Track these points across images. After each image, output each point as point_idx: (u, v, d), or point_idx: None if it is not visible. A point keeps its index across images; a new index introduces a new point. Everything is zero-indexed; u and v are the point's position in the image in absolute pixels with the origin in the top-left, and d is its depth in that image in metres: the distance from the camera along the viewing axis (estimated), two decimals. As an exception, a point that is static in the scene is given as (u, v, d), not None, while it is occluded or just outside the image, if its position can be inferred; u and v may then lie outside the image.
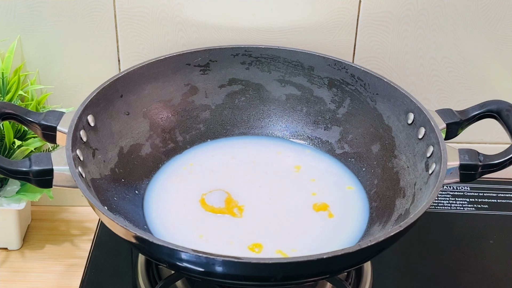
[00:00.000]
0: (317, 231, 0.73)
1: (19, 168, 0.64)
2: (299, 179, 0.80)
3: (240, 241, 0.71)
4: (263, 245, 0.70)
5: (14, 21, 0.83)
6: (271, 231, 0.72)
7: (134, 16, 0.84)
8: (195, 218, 0.74)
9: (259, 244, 0.70)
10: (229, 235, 0.71)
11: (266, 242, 0.71)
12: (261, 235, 0.72)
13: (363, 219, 0.75)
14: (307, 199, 0.77)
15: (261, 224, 0.73)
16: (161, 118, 0.82)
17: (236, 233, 0.72)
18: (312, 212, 0.75)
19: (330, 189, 0.78)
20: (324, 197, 0.77)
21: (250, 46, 0.84)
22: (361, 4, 0.84)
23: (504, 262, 0.83)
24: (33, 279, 0.83)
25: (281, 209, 0.75)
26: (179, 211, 0.75)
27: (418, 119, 0.74)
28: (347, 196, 0.78)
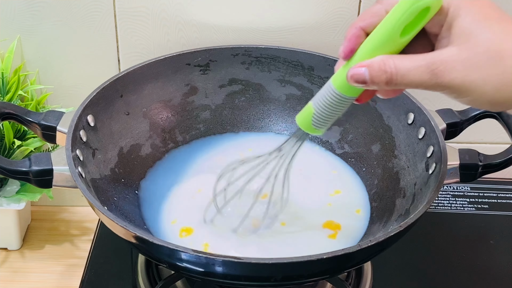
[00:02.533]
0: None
1: (19, 168, 0.64)
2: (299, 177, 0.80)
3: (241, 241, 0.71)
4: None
5: (14, 21, 0.83)
6: (274, 231, 0.72)
7: (134, 16, 0.84)
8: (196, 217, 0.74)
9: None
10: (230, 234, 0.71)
11: (269, 242, 0.70)
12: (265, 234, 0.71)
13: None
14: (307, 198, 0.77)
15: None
16: (161, 118, 0.82)
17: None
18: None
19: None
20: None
21: (250, 46, 0.84)
22: (361, 4, 0.84)
23: (504, 262, 0.83)
24: (33, 279, 0.83)
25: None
26: (179, 211, 0.75)
27: (418, 119, 0.74)
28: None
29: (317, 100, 0.58)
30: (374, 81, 0.50)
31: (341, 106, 0.57)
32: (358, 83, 0.51)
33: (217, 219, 0.72)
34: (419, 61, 0.48)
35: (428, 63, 0.48)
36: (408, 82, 0.49)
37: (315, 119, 0.59)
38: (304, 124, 0.60)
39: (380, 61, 0.49)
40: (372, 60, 0.50)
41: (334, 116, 0.58)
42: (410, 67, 0.48)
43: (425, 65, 0.48)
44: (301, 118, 0.60)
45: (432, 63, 0.48)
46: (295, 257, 0.56)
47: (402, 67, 0.48)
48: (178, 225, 0.72)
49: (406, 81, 0.49)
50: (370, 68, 0.50)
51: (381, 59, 0.50)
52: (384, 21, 0.51)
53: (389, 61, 0.49)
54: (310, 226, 0.73)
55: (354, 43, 0.52)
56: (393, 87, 0.50)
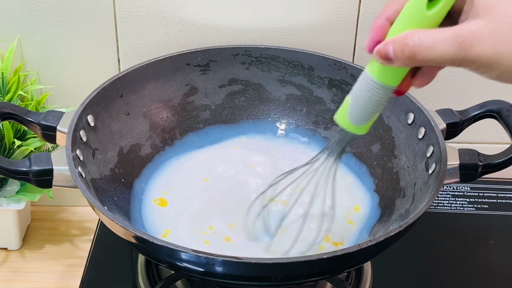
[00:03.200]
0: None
1: (19, 168, 0.64)
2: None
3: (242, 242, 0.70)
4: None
5: (14, 21, 0.83)
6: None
7: (134, 16, 0.84)
8: (196, 217, 0.74)
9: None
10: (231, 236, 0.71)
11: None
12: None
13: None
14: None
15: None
16: (161, 118, 0.82)
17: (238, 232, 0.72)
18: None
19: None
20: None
21: (250, 46, 0.84)
22: (361, 4, 0.84)
23: (504, 262, 0.83)
24: (33, 279, 0.83)
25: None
26: (179, 210, 0.75)
27: (418, 119, 0.74)
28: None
29: (354, 90, 0.55)
30: (398, 56, 0.48)
31: (377, 95, 0.54)
32: (384, 59, 0.50)
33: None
34: (445, 33, 0.47)
35: (455, 35, 0.46)
36: (434, 57, 0.47)
37: (351, 112, 0.56)
38: (342, 120, 0.57)
39: (403, 35, 0.48)
40: (398, 35, 0.49)
41: (371, 108, 0.55)
42: (436, 39, 0.47)
43: (452, 37, 0.46)
44: (340, 113, 0.57)
45: (459, 35, 0.46)
46: (295, 257, 0.56)
47: (426, 40, 0.47)
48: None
49: (432, 55, 0.47)
50: (394, 43, 0.49)
51: (405, 33, 0.48)
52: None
53: (412, 35, 0.48)
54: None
55: (379, 34, 0.51)
56: (418, 62, 0.48)
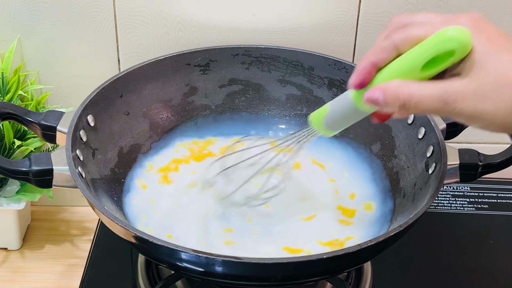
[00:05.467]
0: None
1: (19, 168, 0.64)
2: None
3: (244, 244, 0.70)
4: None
5: (14, 21, 0.83)
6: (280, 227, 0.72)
7: (134, 16, 0.84)
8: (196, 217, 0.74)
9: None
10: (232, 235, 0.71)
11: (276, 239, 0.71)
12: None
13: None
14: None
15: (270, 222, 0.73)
16: (161, 118, 0.82)
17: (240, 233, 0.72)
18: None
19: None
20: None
21: (250, 46, 0.84)
22: (361, 4, 0.84)
23: (504, 262, 0.83)
24: (33, 279, 0.83)
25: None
26: (180, 211, 0.75)
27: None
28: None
29: (335, 103, 0.60)
30: (389, 105, 0.52)
31: (354, 116, 0.59)
32: (373, 104, 0.53)
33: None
34: (432, 89, 0.50)
35: (440, 92, 0.49)
36: (422, 109, 0.50)
37: (327, 119, 0.61)
38: (316, 121, 0.63)
39: (394, 87, 0.51)
40: (387, 84, 0.52)
41: (345, 122, 0.61)
42: (423, 95, 0.50)
43: (438, 94, 0.49)
44: (315, 115, 0.63)
45: (443, 92, 0.49)
46: (295, 257, 0.56)
47: (415, 95, 0.50)
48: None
49: (420, 108, 0.50)
50: (385, 93, 0.52)
51: (396, 85, 0.51)
52: (407, 53, 0.52)
53: (403, 88, 0.51)
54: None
55: (364, 76, 0.54)
56: (408, 112, 0.51)
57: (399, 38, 0.52)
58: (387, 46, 0.53)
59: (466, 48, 0.49)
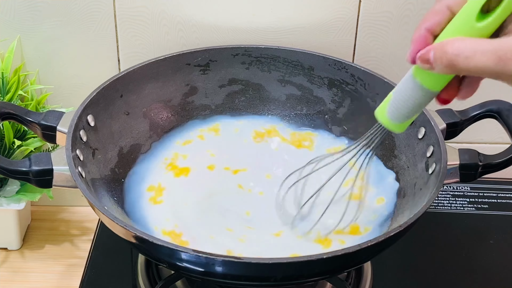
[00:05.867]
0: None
1: (19, 168, 0.64)
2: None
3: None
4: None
5: (14, 21, 0.83)
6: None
7: (134, 16, 0.84)
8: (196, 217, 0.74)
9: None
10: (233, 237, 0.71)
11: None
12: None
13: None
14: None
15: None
16: (161, 118, 0.82)
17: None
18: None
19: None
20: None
21: (250, 46, 0.84)
22: (361, 4, 0.84)
23: (504, 262, 0.83)
24: (33, 279, 0.83)
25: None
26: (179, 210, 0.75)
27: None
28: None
29: (398, 87, 0.57)
30: (437, 63, 0.49)
31: (417, 97, 0.55)
32: (424, 64, 0.50)
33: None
34: (485, 45, 0.47)
35: (495, 48, 0.46)
36: (472, 67, 0.47)
37: (390, 108, 0.57)
38: (381, 115, 0.58)
39: (445, 42, 0.48)
40: (440, 42, 0.49)
41: (410, 108, 0.56)
42: (475, 50, 0.47)
43: (492, 50, 0.46)
44: (380, 108, 0.59)
45: (499, 49, 0.46)
46: (295, 257, 0.56)
47: (465, 49, 0.47)
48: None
49: (470, 65, 0.47)
50: (435, 49, 0.49)
51: (447, 41, 0.48)
52: (461, 10, 0.50)
53: (453, 43, 0.48)
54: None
55: (420, 44, 0.51)
56: (457, 71, 0.48)
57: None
58: (440, 8, 0.50)
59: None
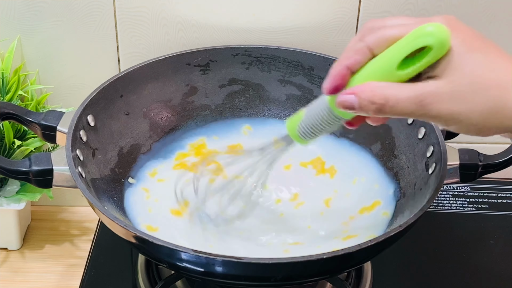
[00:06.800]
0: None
1: (19, 168, 0.64)
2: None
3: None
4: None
5: (14, 21, 0.83)
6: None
7: (134, 16, 0.84)
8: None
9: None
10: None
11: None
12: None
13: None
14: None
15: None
16: (161, 118, 0.82)
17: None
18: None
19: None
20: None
21: (250, 46, 0.84)
22: (361, 4, 0.84)
23: (504, 262, 0.83)
24: (33, 279, 0.83)
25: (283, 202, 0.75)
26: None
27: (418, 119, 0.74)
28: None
29: (310, 108, 0.58)
30: (363, 109, 0.50)
31: (329, 122, 0.56)
32: (347, 109, 0.51)
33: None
34: (407, 92, 0.48)
35: (416, 95, 0.48)
36: (397, 112, 0.49)
37: (301, 126, 0.58)
38: (290, 128, 0.60)
39: (370, 90, 0.49)
40: (362, 86, 0.50)
41: (319, 129, 0.57)
42: (399, 98, 0.48)
43: (414, 96, 0.48)
44: (290, 122, 0.60)
45: (420, 94, 0.48)
46: (295, 257, 0.56)
47: (391, 97, 0.49)
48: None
49: (395, 111, 0.49)
50: (359, 96, 0.50)
51: (371, 88, 0.50)
52: (383, 53, 0.50)
53: (378, 91, 0.49)
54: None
55: (338, 80, 0.52)
56: (382, 116, 0.50)
57: (373, 39, 0.51)
58: (361, 48, 0.51)
59: (444, 45, 0.48)
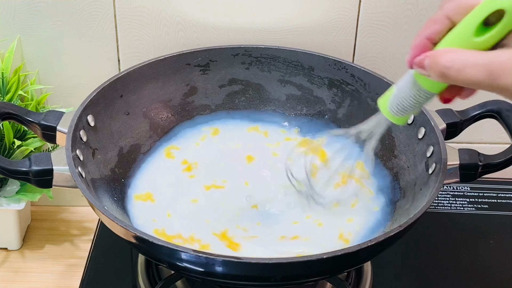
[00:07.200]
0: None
1: (19, 168, 0.64)
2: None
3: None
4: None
5: (14, 21, 0.83)
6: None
7: (134, 16, 0.84)
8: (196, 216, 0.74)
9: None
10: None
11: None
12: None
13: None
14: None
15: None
16: (161, 118, 0.82)
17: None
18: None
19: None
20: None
21: (250, 46, 0.84)
22: (361, 4, 0.84)
23: (504, 262, 0.83)
24: (33, 279, 0.83)
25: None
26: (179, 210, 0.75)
27: (418, 119, 0.74)
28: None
29: (399, 84, 0.58)
30: (431, 71, 0.50)
31: (418, 96, 0.56)
32: (421, 70, 0.51)
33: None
34: (477, 58, 0.47)
35: (486, 63, 0.47)
36: (462, 79, 0.48)
37: (392, 102, 0.58)
38: (382, 105, 0.60)
39: (439, 52, 0.49)
40: (435, 50, 0.50)
41: (409, 105, 0.57)
42: (466, 63, 0.47)
43: (483, 64, 0.47)
44: (382, 99, 0.60)
45: (490, 63, 0.46)
46: (295, 257, 0.56)
47: (457, 62, 0.48)
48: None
49: (461, 77, 0.48)
50: (430, 58, 0.50)
51: (442, 51, 0.49)
52: (461, 22, 0.50)
53: (446, 54, 0.49)
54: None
55: (419, 52, 0.52)
56: (449, 81, 0.49)
57: (451, 7, 0.50)
58: (440, 17, 0.51)
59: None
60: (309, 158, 0.72)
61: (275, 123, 0.85)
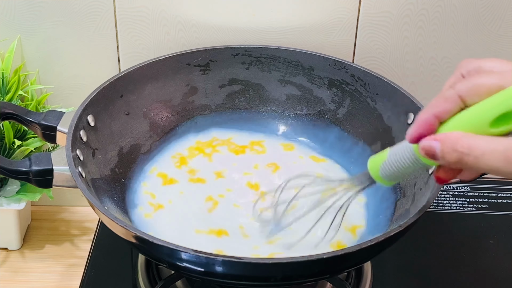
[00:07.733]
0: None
1: (19, 168, 0.64)
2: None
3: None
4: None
5: (14, 21, 0.83)
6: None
7: (134, 16, 0.84)
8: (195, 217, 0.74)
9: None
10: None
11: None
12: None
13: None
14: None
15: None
16: (161, 118, 0.82)
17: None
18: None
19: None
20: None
21: (250, 46, 0.84)
22: (361, 4, 0.84)
23: (504, 262, 0.83)
24: (33, 279, 0.83)
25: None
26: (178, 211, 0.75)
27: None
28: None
29: (394, 151, 0.56)
30: (445, 158, 0.48)
31: (414, 168, 0.55)
32: (429, 156, 0.49)
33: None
34: (495, 145, 0.46)
35: (505, 149, 0.45)
36: (481, 166, 0.46)
37: (383, 168, 0.57)
38: (373, 169, 0.58)
39: (454, 138, 0.47)
40: (447, 134, 0.48)
41: (403, 174, 0.56)
42: (485, 150, 0.46)
43: (502, 150, 0.45)
44: (373, 162, 0.59)
45: (508, 149, 0.45)
46: (295, 257, 0.56)
47: (477, 148, 0.46)
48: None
49: (479, 164, 0.46)
50: (443, 143, 0.48)
51: (456, 136, 0.47)
52: (475, 106, 0.48)
53: (463, 140, 0.47)
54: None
55: (424, 129, 0.50)
56: (465, 168, 0.48)
57: (465, 88, 0.48)
58: (452, 96, 0.48)
59: None
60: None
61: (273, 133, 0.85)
